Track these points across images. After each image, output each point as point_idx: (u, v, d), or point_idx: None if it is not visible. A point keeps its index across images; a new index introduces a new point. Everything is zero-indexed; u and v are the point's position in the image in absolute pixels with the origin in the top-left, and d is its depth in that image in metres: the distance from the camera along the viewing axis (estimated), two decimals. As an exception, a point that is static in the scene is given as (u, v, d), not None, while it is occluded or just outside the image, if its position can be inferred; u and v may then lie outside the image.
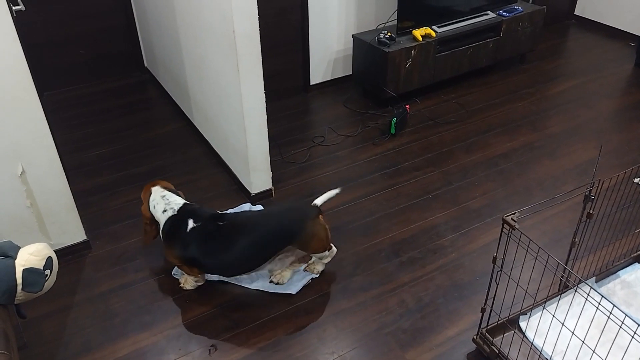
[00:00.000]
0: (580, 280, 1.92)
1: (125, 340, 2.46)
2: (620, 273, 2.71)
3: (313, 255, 2.68)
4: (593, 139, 3.86)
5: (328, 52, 4.43)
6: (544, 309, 2.32)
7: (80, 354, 2.40)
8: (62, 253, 2.84)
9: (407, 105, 4.02)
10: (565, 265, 2.31)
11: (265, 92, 2.96)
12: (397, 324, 2.51)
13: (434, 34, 4.18)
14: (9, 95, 2.37)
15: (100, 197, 3.35)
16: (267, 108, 3.01)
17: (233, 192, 3.37)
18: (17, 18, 2.46)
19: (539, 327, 2.31)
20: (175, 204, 2.56)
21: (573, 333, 2.00)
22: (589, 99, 4.36)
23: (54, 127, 2.89)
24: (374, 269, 2.81)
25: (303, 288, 2.69)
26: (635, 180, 3.21)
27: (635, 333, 1.70)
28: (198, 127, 3.90)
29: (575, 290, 2.00)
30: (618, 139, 3.85)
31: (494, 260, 2.08)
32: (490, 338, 2.29)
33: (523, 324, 2.40)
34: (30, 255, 1.96)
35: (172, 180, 3.37)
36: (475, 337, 2.36)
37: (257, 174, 3.20)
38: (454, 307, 2.60)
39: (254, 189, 3.25)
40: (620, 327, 1.82)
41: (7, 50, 2.28)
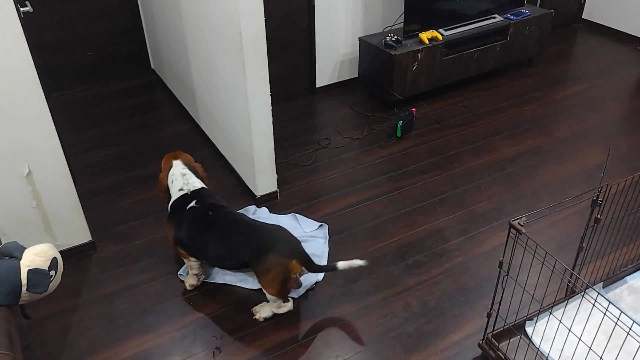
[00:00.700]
0: (588, 286, 1.91)
1: (130, 342, 2.45)
2: (628, 279, 2.68)
3: (268, 296, 2.48)
4: (601, 144, 3.83)
5: (334, 54, 4.42)
6: (551, 315, 2.30)
7: (85, 355, 2.40)
8: (67, 254, 2.85)
9: (413, 108, 4.00)
10: (573, 271, 2.29)
11: (271, 94, 2.95)
12: (402, 328, 2.50)
13: (441, 37, 4.17)
14: (17, 97, 2.37)
15: (106, 198, 3.35)
16: (272, 110, 3.01)
17: (238, 194, 3.37)
18: (24, 19, 2.47)
19: (546, 332, 2.29)
20: (193, 186, 2.62)
21: (580, 339, 1.98)
22: (597, 103, 4.33)
23: (61, 128, 2.90)
24: (380, 273, 2.80)
25: (307, 292, 2.68)
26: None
27: (644, 340, 1.68)
28: (204, 129, 3.91)
29: (583, 296, 1.98)
30: (626, 144, 3.82)
31: (501, 265, 2.06)
32: (496, 343, 2.27)
33: (529, 329, 2.37)
34: (36, 256, 1.96)
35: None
36: (481, 342, 2.34)
37: (262, 176, 3.19)
38: (460, 311, 2.58)
39: (259, 191, 3.24)
40: (628, 333, 1.80)
41: (14, 52, 2.29)
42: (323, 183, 3.46)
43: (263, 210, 3.20)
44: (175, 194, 2.61)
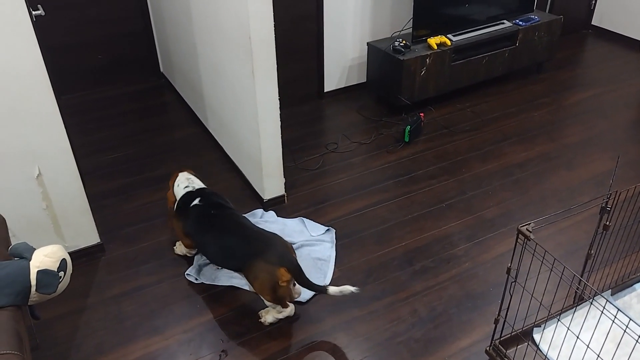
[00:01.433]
0: (596, 293, 1.89)
1: (137, 344, 2.46)
2: (637, 286, 2.66)
3: (265, 302, 2.50)
4: (610, 150, 3.81)
5: (343, 59, 4.43)
6: (559, 321, 2.29)
7: (92, 357, 2.41)
8: (76, 255, 2.86)
9: (421, 114, 4.00)
10: (581, 277, 2.28)
11: (280, 98, 2.96)
12: (409, 334, 2.49)
13: (450, 43, 4.17)
14: (28, 99, 2.40)
15: (115, 200, 3.37)
16: (281, 114, 3.02)
17: (246, 197, 3.37)
18: (36, 22, 2.49)
19: (553, 339, 2.27)
20: (197, 185, 2.80)
21: (588, 346, 1.97)
22: (606, 110, 4.31)
23: (71, 130, 2.92)
24: (387, 278, 2.79)
25: (314, 296, 2.68)
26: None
27: (653, 348, 1.67)
28: (212, 132, 3.92)
29: (591, 303, 1.97)
30: (635, 150, 3.80)
31: (508, 271, 2.05)
32: (504, 350, 2.26)
33: (537, 336, 2.36)
34: (45, 257, 1.98)
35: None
36: (488, 348, 2.33)
37: (270, 180, 3.20)
38: (467, 317, 2.57)
39: (267, 195, 3.25)
40: (637, 341, 1.79)
41: (26, 54, 2.31)
42: (330, 187, 3.47)
43: (270, 214, 3.20)
44: (181, 192, 2.76)
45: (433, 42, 4.10)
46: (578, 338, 1.98)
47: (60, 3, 4.14)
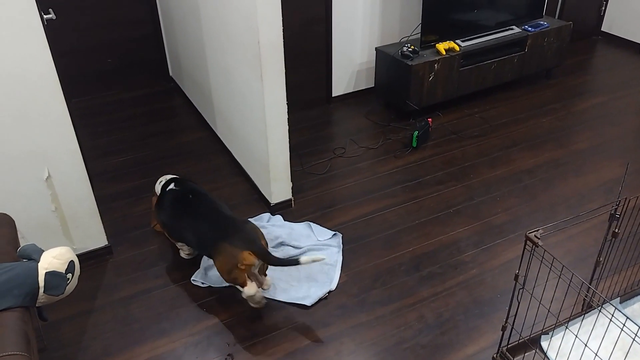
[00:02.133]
0: (605, 301, 1.88)
1: (144, 346, 2.47)
2: (647, 294, 2.64)
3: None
4: (619, 157, 3.79)
5: (351, 64, 4.44)
6: (567, 329, 2.27)
7: (99, 359, 2.41)
8: (84, 257, 2.88)
9: (429, 119, 4.00)
10: (590, 285, 2.26)
11: (288, 102, 2.97)
12: (415, 340, 2.48)
13: (458, 48, 4.17)
14: (39, 102, 2.42)
15: (123, 203, 3.39)
16: (288, 118, 3.03)
17: (253, 201, 3.38)
18: (47, 26, 2.52)
19: (561, 347, 2.25)
20: (174, 177, 2.86)
21: (596, 355, 1.95)
22: (616, 116, 4.29)
23: (80, 133, 2.95)
24: (394, 283, 2.79)
25: (321, 300, 2.68)
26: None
27: (663, 357, 1.65)
28: (221, 136, 3.94)
29: (599, 311, 1.96)
30: (645, 157, 3.77)
31: (516, 278, 2.04)
32: (511, 357, 2.24)
33: (545, 344, 2.34)
34: (53, 259, 1.99)
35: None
36: (495, 355, 2.31)
37: (277, 184, 3.21)
38: (474, 324, 2.56)
39: (274, 199, 3.25)
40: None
41: (37, 58, 2.33)
42: (338, 192, 3.47)
43: (277, 218, 3.21)
44: (159, 188, 2.86)
45: (441, 47, 4.10)
46: (586, 346, 1.96)
47: (71, 7, 4.18)
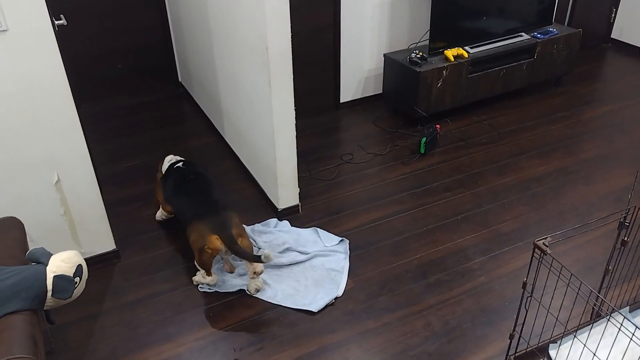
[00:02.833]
0: (614, 310, 1.86)
1: (150, 351, 2.47)
2: (657, 304, 2.61)
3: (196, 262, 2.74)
4: (629, 165, 3.76)
5: (359, 70, 4.45)
6: (575, 338, 2.25)
7: (105, 363, 2.42)
8: (92, 261, 2.89)
9: (437, 125, 3.99)
10: (598, 294, 2.24)
11: (296, 108, 2.98)
12: (422, 347, 2.47)
13: (467, 55, 4.16)
14: (50, 107, 2.44)
15: (131, 207, 3.40)
16: (296, 125, 3.03)
17: (261, 206, 3.39)
18: (58, 32, 2.54)
19: (570, 356, 2.23)
20: (182, 159, 3.07)
21: (606, 364, 1.93)
22: (626, 125, 4.26)
23: (90, 138, 2.97)
24: (401, 290, 2.77)
25: (327, 306, 2.67)
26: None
27: (673, 367, 1.63)
28: (229, 141, 3.95)
29: (608, 320, 1.94)
30: (656, 166, 3.74)
31: (524, 286, 2.03)
32: (519, 366, 2.22)
33: (553, 353, 2.32)
34: (62, 262, 2.00)
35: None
36: (503, 364, 2.30)
37: (284, 190, 3.21)
38: (482, 332, 2.54)
39: (281, 205, 3.26)
40: (656, 360, 1.75)
41: (49, 64, 2.36)
42: (345, 198, 3.47)
43: (284, 224, 3.21)
44: (166, 165, 3.07)
45: (450, 54, 4.10)
46: (595, 355, 1.94)
47: (83, 13, 4.22)
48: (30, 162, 2.52)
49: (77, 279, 2.05)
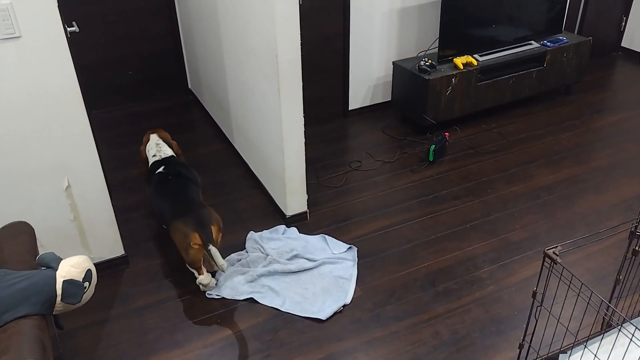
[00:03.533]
0: (625, 320, 1.84)
1: (158, 357, 2.47)
2: (669, 315, 2.58)
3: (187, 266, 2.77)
4: (639, 174, 3.74)
5: (368, 78, 4.46)
6: (586, 348, 2.23)
7: (113, 368, 2.43)
8: (101, 266, 2.90)
9: (446, 133, 3.98)
10: (609, 303, 2.22)
11: (305, 116, 2.99)
12: (430, 356, 2.45)
13: (476, 63, 4.16)
14: (61, 113, 2.47)
15: (140, 213, 3.42)
16: (305, 132, 3.04)
17: (269, 213, 3.39)
18: (71, 39, 2.57)
19: (580, 367, 2.21)
20: (164, 154, 3.03)
21: (617, 375, 1.91)
22: (636, 133, 4.23)
23: (100, 144, 2.99)
24: (409, 298, 2.76)
25: (335, 314, 2.66)
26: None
27: (685, 379, 1.61)
28: (238, 148, 3.97)
29: (619, 330, 1.92)
30: (667, 175, 3.71)
31: (534, 295, 2.01)
32: (528, 376, 2.20)
33: (563, 363, 2.30)
34: (71, 267, 2.01)
35: (210, 200, 3.43)
36: (512, 374, 2.28)
37: (293, 197, 3.21)
38: (491, 341, 2.52)
39: (290, 211, 3.26)
40: (669, 372, 1.73)
41: (61, 70, 2.38)
42: (353, 205, 3.46)
43: (292, 231, 3.21)
44: (151, 161, 3.03)
45: (459, 62, 4.10)
46: (606, 366, 1.92)
47: (95, 21, 4.27)
48: (41, 167, 2.54)
49: (86, 284, 2.05)
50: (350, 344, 2.52)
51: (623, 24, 5.51)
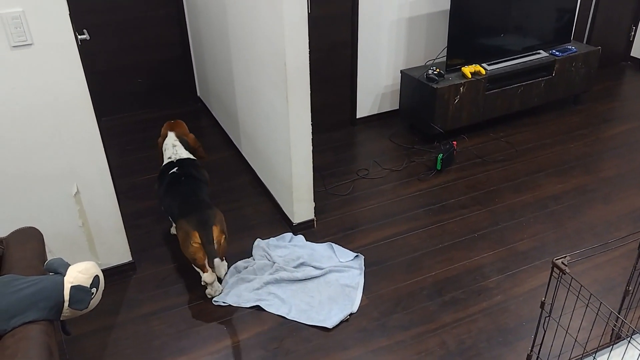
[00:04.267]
0: (634, 331, 1.82)
1: (163, 364, 2.47)
2: (679, 327, 2.55)
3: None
4: (650, 184, 3.71)
5: (376, 86, 4.46)
6: (595, 360, 2.21)
7: (119, 375, 2.43)
8: (108, 273, 2.91)
9: (454, 142, 3.98)
10: (618, 314, 2.20)
11: (312, 123, 3.00)
12: (437, 366, 2.44)
13: (484, 72, 4.16)
14: (71, 119, 2.49)
15: (148, 220, 3.43)
16: (313, 140, 3.05)
17: (276, 221, 3.39)
18: (81, 47, 2.60)
19: (589, 379, 2.19)
20: (179, 156, 3.08)
21: (626, 388, 1.89)
22: (646, 143, 4.21)
23: (109, 151, 3.01)
24: (415, 308, 2.75)
25: (341, 323, 2.66)
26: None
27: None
28: (245, 156, 3.98)
29: (629, 342, 1.90)
30: (677, 185, 3.68)
31: (542, 305, 2.00)
32: (536, 387, 2.18)
33: (571, 375, 2.28)
34: (79, 273, 2.02)
35: (217, 207, 3.43)
36: (520, 385, 2.25)
37: (300, 204, 3.21)
38: (498, 352, 2.50)
39: (297, 219, 3.26)
40: (679, 385, 1.70)
41: (71, 77, 2.41)
42: (360, 213, 3.46)
43: (299, 238, 3.21)
44: (165, 160, 3.09)
45: (467, 70, 4.10)
46: (615, 378, 1.90)
47: (105, 29, 4.31)
48: (51, 173, 2.56)
49: (93, 290, 2.06)
50: (356, 353, 2.51)
51: (632, 34, 5.49)
